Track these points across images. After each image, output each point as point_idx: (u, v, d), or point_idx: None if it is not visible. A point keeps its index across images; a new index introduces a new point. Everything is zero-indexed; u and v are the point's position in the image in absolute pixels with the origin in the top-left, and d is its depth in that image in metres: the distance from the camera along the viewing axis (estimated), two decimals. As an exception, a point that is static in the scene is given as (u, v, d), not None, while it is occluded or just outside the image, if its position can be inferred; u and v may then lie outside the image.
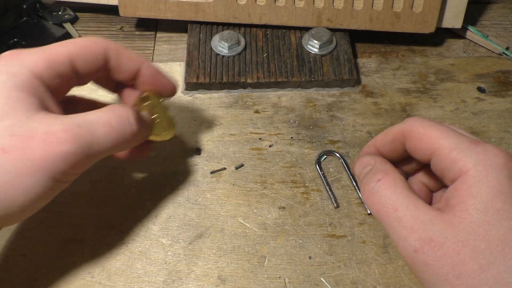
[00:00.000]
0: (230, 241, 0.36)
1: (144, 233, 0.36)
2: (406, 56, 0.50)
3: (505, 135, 0.43)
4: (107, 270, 0.34)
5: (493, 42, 0.51)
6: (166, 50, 0.51)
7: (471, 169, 0.24)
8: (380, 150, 0.30)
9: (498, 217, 0.23)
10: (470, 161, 0.24)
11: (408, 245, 0.24)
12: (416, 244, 0.24)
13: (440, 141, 0.25)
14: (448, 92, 0.47)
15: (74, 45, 0.30)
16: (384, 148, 0.30)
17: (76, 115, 0.27)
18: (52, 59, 0.28)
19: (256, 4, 0.47)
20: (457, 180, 0.24)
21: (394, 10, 0.47)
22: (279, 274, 0.34)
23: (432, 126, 0.26)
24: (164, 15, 0.48)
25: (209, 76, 0.45)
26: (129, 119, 0.29)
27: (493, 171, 0.23)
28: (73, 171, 0.27)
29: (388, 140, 0.29)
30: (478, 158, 0.24)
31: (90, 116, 0.28)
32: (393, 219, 0.25)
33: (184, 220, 0.37)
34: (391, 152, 0.30)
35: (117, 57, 0.31)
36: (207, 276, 0.34)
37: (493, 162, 0.24)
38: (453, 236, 0.23)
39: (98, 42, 0.31)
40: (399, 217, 0.25)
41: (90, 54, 0.30)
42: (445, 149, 0.25)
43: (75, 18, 0.53)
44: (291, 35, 0.49)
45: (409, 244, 0.24)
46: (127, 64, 0.32)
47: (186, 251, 0.35)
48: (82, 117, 0.27)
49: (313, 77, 0.46)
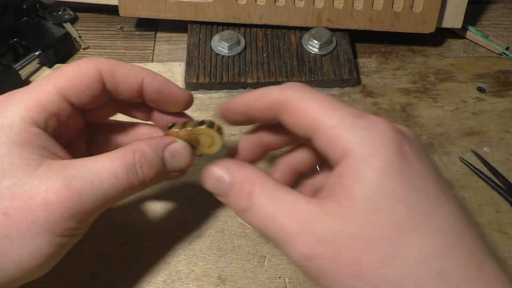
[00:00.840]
0: (230, 241, 0.36)
1: (144, 233, 0.36)
2: (406, 56, 0.50)
3: (505, 135, 0.43)
4: (108, 270, 0.34)
5: (493, 42, 0.51)
6: (166, 50, 0.51)
7: (356, 150, 0.21)
8: (248, 113, 0.27)
9: (391, 201, 0.20)
10: (355, 140, 0.21)
11: (298, 254, 0.21)
12: (305, 250, 0.21)
13: (321, 116, 0.23)
14: (448, 92, 0.47)
15: (61, 77, 0.26)
16: (255, 113, 0.26)
17: (81, 162, 0.25)
18: (42, 99, 0.25)
19: (256, 4, 0.47)
20: (340, 163, 0.21)
21: (394, 10, 0.47)
22: (279, 274, 0.34)
23: (312, 98, 0.23)
24: (164, 15, 0.48)
25: (209, 76, 0.45)
26: (136, 169, 0.26)
27: (380, 148, 0.21)
28: (80, 225, 0.25)
29: (261, 107, 0.26)
30: (363, 135, 0.21)
31: (96, 164, 0.25)
32: (275, 230, 0.22)
33: (184, 220, 0.37)
34: (262, 119, 0.26)
35: (111, 78, 0.27)
36: (207, 276, 0.34)
37: (380, 138, 0.21)
38: (342, 230, 0.20)
39: (87, 68, 0.27)
40: (280, 227, 0.22)
41: (80, 84, 0.26)
42: (326, 126, 0.22)
43: (75, 18, 0.53)
44: (291, 35, 0.49)
45: (300, 253, 0.21)
46: (124, 83, 0.28)
47: (186, 251, 0.35)
48: (87, 166, 0.25)
49: (313, 77, 0.46)
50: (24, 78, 0.46)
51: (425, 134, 0.43)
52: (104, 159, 0.25)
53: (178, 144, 0.28)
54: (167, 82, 0.29)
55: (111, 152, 0.26)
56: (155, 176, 0.27)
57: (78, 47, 0.50)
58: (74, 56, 0.49)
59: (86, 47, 0.50)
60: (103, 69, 0.27)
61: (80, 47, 0.50)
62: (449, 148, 0.42)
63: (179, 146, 0.28)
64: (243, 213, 0.24)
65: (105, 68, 0.27)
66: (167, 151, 0.28)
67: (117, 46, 0.51)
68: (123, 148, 0.26)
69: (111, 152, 0.26)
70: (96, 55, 0.50)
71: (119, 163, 0.25)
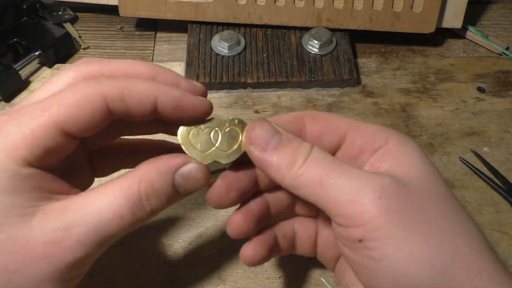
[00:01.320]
0: (230, 241, 0.36)
1: (144, 233, 0.36)
2: (406, 56, 0.50)
3: (505, 135, 0.43)
4: (107, 270, 0.34)
5: (493, 42, 0.51)
6: (166, 50, 0.51)
7: (395, 135, 0.24)
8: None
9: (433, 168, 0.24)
10: (391, 131, 0.25)
11: (368, 199, 0.22)
12: (378, 192, 0.22)
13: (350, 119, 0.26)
14: (448, 92, 0.47)
15: (58, 108, 0.22)
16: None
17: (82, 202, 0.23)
18: (35, 135, 0.22)
19: (256, 4, 0.47)
20: (385, 146, 0.24)
21: (394, 10, 0.47)
22: (279, 274, 0.34)
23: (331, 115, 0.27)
24: (164, 15, 0.48)
25: (209, 76, 0.45)
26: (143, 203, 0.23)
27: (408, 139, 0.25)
28: (84, 268, 0.24)
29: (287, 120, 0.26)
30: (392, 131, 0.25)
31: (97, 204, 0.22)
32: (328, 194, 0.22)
33: (184, 220, 0.37)
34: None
35: (120, 103, 0.23)
36: (207, 276, 0.34)
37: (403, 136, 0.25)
38: (407, 189, 0.22)
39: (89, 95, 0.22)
40: (344, 181, 0.22)
41: (82, 115, 0.22)
42: (362, 125, 0.25)
43: (75, 18, 0.53)
44: (291, 35, 0.49)
45: (369, 199, 0.22)
46: (137, 107, 0.24)
47: (186, 251, 0.35)
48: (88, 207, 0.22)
49: (313, 77, 0.46)
50: (24, 78, 0.46)
51: (425, 134, 0.43)
52: (107, 195, 0.23)
53: (191, 166, 0.24)
54: (185, 97, 0.25)
55: (114, 184, 0.23)
56: (166, 206, 0.25)
57: (78, 47, 0.50)
58: (74, 56, 0.49)
59: (86, 47, 0.50)
60: (109, 95, 0.23)
61: (80, 47, 0.50)
62: (449, 148, 0.42)
63: (193, 168, 0.24)
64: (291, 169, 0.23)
65: (112, 93, 0.23)
66: (179, 175, 0.24)
67: (117, 46, 0.51)
68: (127, 177, 0.23)
69: (114, 183, 0.23)
70: (96, 55, 0.50)
71: (124, 199, 0.23)
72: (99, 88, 0.23)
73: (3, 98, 0.44)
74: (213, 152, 0.25)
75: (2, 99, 0.44)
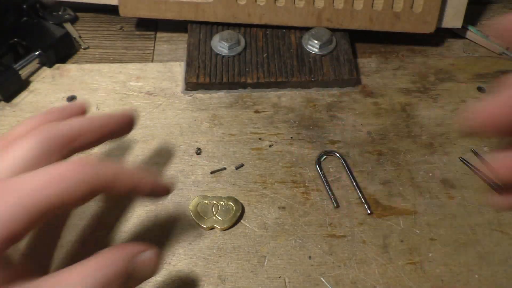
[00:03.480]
0: (230, 241, 0.36)
1: (144, 233, 0.36)
2: (406, 56, 0.50)
3: (505, 135, 0.43)
4: (107, 270, 0.34)
5: (493, 42, 0.51)
6: (166, 50, 0.51)
7: None
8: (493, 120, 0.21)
9: None
10: None
11: None
12: None
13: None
14: (448, 92, 0.47)
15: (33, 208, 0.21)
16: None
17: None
18: (10, 230, 0.21)
19: (256, 4, 0.47)
20: None
21: (394, 10, 0.47)
22: (279, 274, 0.34)
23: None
24: (164, 15, 0.48)
25: (209, 76, 0.45)
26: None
27: None
28: None
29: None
30: None
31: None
32: None
33: (184, 220, 0.37)
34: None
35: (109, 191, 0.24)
36: (207, 276, 0.34)
37: None
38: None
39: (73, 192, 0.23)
40: None
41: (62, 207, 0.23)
42: None
43: (75, 18, 0.53)
44: (291, 35, 0.49)
45: None
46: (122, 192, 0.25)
47: (186, 251, 0.35)
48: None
49: (313, 77, 0.46)
50: (24, 78, 0.46)
51: (425, 134, 0.43)
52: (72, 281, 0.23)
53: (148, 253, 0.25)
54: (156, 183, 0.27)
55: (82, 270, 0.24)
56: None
57: (78, 47, 0.50)
58: (74, 56, 0.49)
59: (86, 47, 0.50)
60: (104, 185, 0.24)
61: (80, 47, 0.50)
62: (449, 148, 0.42)
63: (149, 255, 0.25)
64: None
65: (105, 183, 0.24)
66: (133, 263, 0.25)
67: (117, 46, 0.51)
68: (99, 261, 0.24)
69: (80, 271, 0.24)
70: (96, 55, 0.50)
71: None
72: (89, 179, 0.23)
73: (3, 98, 0.44)
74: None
75: (2, 99, 0.44)
